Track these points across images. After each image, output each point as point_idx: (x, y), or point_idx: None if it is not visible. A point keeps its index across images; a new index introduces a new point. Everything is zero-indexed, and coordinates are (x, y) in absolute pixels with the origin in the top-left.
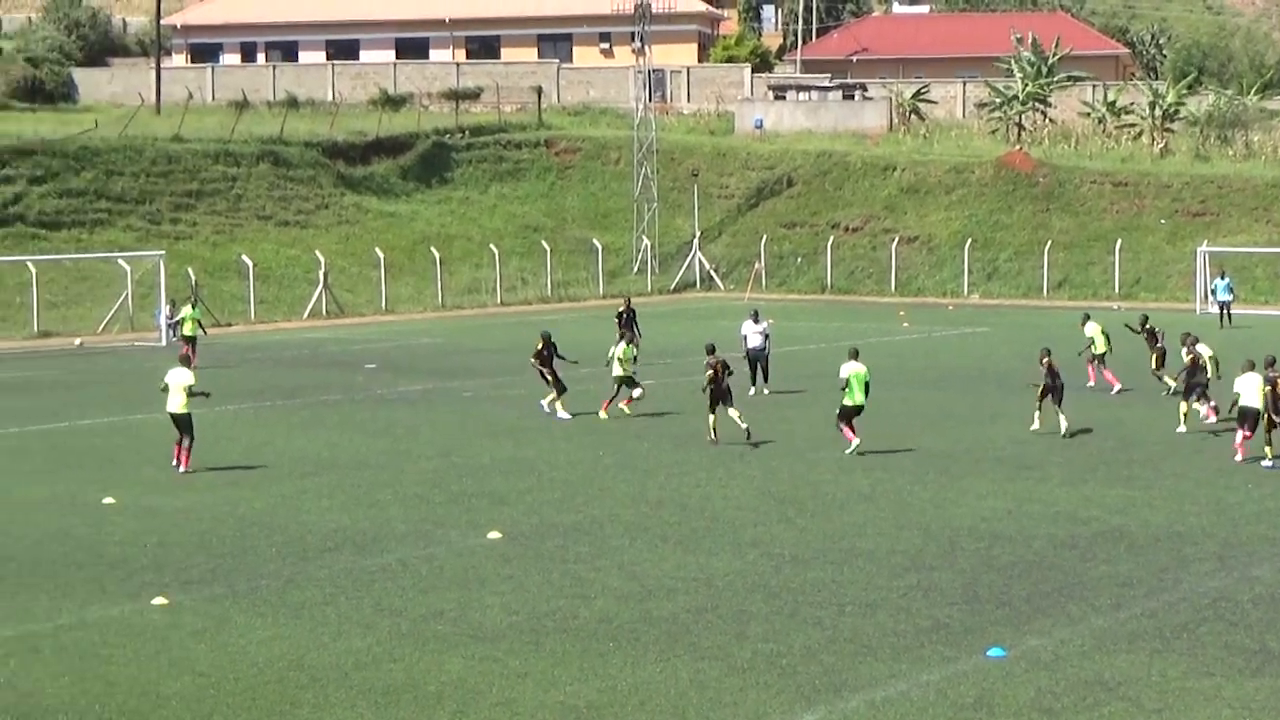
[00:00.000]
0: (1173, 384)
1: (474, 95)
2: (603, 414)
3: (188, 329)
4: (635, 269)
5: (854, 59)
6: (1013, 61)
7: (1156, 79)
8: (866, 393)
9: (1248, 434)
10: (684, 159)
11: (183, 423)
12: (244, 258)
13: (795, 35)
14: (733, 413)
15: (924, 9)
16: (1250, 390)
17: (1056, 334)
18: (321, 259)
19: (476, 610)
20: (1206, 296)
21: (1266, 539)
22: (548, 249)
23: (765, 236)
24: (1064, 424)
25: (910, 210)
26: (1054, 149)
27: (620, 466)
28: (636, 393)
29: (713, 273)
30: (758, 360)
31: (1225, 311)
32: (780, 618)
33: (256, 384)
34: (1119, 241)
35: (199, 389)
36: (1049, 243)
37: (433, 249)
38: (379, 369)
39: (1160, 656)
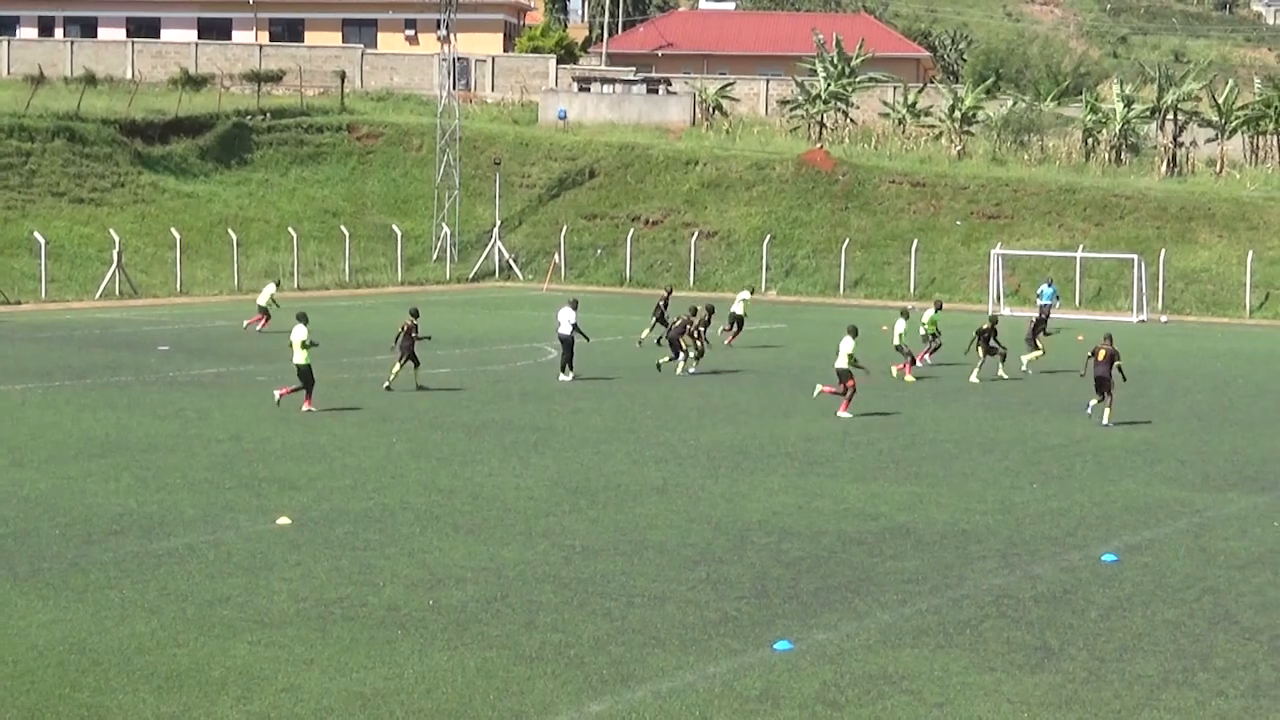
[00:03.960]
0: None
1: (276, 78)
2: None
3: (263, 300)
4: (435, 256)
5: (659, 53)
6: (816, 61)
7: (956, 82)
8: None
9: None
10: (486, 148)
11: (304, 373)
12: (36, 235)
13: (601, 28)
14: (414, 369)
15: (729, 6)
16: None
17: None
18: (116, 238)
19: (264, 596)
20: (1000, 298)
21: (1049, 538)
22: (347, 234)
23: (566, 227)
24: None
25: (711, 205)
26: (854, 148)
27: (413, 454)
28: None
29: (512, 262)
30: (565, 346)
31: (1046, 316)
32: (569, 608)
33: (45, 364)
34: (915, 241)
35: (310, 341)
36: (847, 241)
37: (230, 231)
38: (171, 351)
39: (943, 651)
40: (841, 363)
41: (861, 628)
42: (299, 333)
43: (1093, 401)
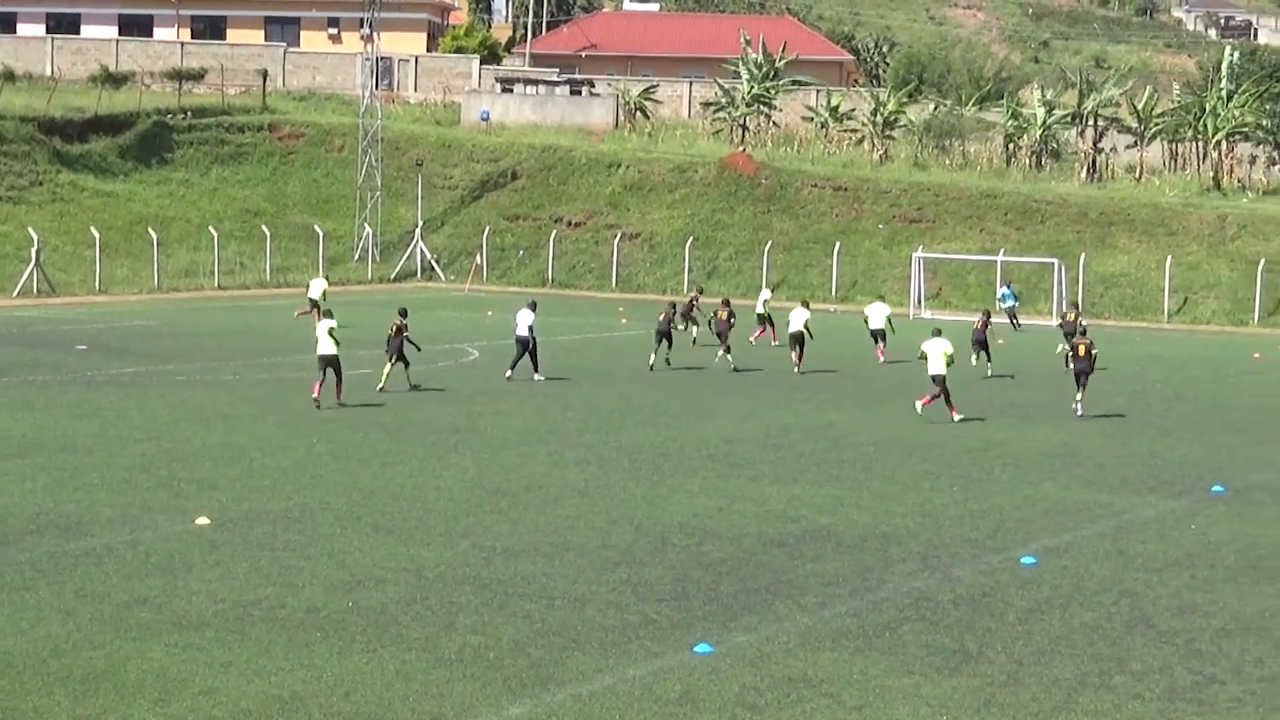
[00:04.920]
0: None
1: (198, 76)
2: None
3: (314, 293)
4: (356, 257)
5: (583, 54)
6: (739, 63)
7: (879, 86)
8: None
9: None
10: (409, 148)
11: (333, 363)
12: None
13: (525, 28)
14: (405, 369)
15: (653, 7)
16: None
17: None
18: (34, 236)
19: (182, 597)
20: (921, 302)
21: (968, 541)
22: (268, 234)
23: (488, 228)
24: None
25: (633, 207)
26: (777, 152)
27: (333, 455)
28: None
29: (434, 263)
30: (522, 346)
31: (1014, 318)
32: (489, 610)
33: None
34: (838, 245)
35: (338, 333)
36: (769, 244)
37: (150, 230)
38: (90, 350)
39: (863, 655)
40: (940, 368)
41: (781, 630)
42: (325, 323)
43: (1077, 396)
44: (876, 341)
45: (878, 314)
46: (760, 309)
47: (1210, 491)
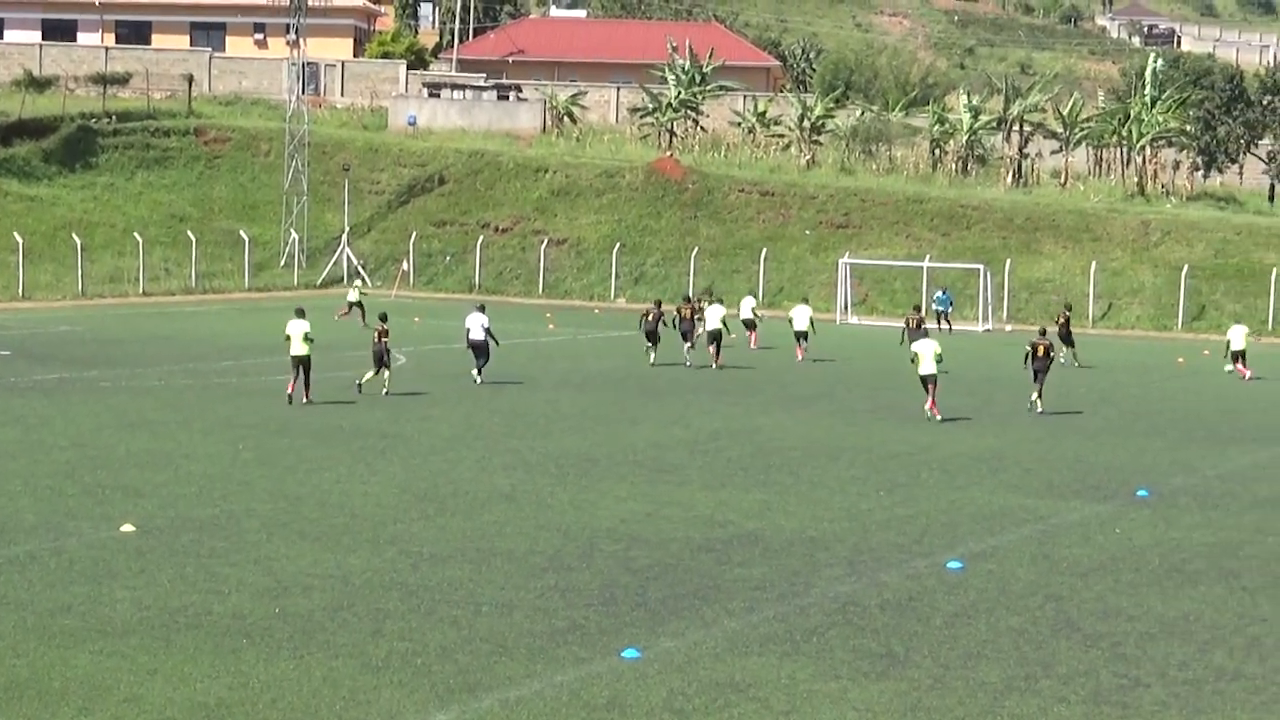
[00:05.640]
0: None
1: (123, 81)
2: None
3: (353, 296)
4: (283, 263)
5: (510, 60)
6: (666, 69)
7: (806, 92)
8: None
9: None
10: (336, 153)
11: (305, 363)
12: None
13: (452, 34)
14: (385, 374)
15: (580, 13)
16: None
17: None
18: None
19: (106, 605)
20: (848, 307)
21: (895, 546)
22: (194, 239)
23: (415, 234)
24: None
25: (560, 213)
26: (704, 157)
27: (259, 461)
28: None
29: (360, 269)
30: (477, 351)
31: (945, 321)
32: (416, 616)
33: None
34: (764, 250)
35: (313, 334)
36: (696, 249)
37: (74, 235)
38: (13, 356)
39: (790, 659)
40: (931, 368)
41: (709, 635)
42: (299, 326)
43: (1033, 395)
44: (798, 341)
45: (801, 316)
46: (748, 315)
47: (1135, 496)
